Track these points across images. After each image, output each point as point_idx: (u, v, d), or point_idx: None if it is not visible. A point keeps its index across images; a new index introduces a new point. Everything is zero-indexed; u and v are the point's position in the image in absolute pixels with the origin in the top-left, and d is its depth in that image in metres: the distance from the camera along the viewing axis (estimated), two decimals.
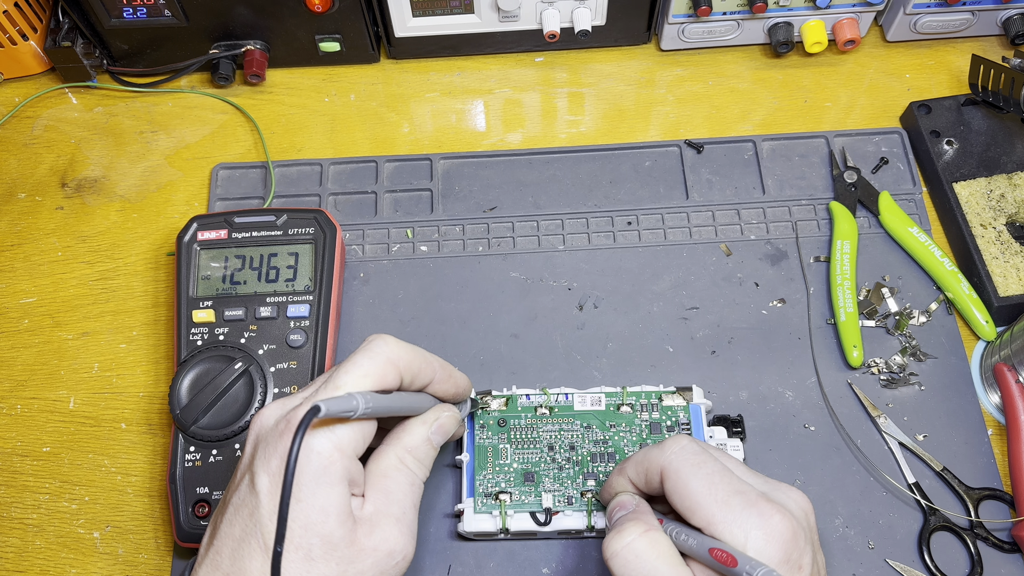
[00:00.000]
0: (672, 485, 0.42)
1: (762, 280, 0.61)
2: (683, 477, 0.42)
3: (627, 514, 0.44)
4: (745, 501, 0.40)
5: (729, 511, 0.40)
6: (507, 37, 0.70)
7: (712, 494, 0.40)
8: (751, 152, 0.67)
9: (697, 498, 0.41)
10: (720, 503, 0.40)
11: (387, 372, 0.42)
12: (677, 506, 0.42)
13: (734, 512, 0.40)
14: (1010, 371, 0.55)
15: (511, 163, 0.67)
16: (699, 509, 0.41)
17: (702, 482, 0.41)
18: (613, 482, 0.47)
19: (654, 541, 0.41)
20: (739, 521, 0.39)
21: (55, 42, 0.68)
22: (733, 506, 0.40)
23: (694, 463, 0.42)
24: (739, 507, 0.40)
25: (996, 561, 0.52)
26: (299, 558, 0.38)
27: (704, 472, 0.41)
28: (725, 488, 0.41)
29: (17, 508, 0.57)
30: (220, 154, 0.69)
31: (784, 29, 0.68)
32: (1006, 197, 0.62)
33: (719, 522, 0.40)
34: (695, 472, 0.41)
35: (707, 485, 0.41)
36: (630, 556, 0.41)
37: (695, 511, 0.41)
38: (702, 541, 0.40)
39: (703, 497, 0.41)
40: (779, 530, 0.39)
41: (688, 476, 0.41)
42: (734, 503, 0.40)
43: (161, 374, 0.60)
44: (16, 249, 0.65)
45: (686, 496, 0.41)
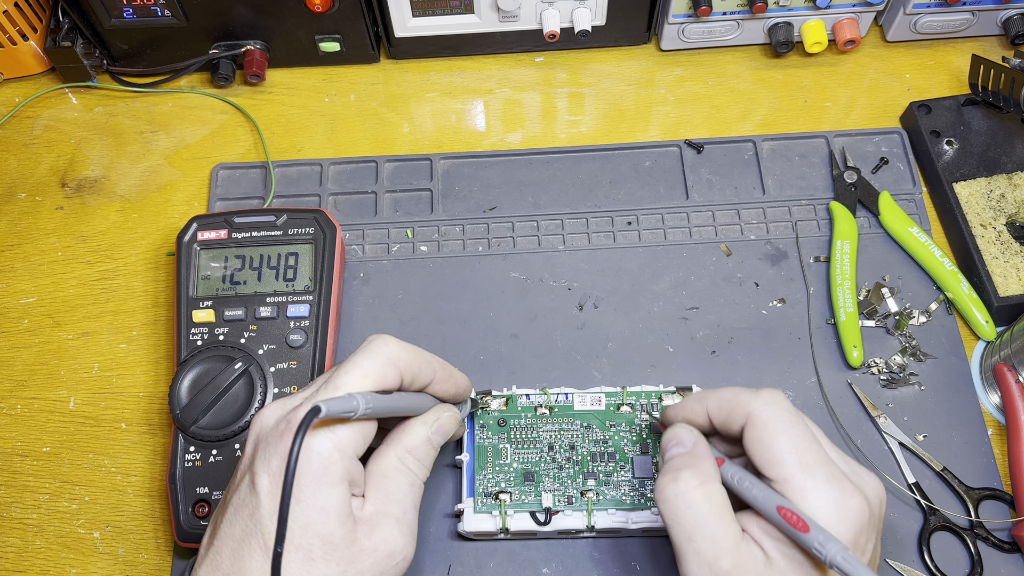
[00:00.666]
0: (757, 434, 0.41)
1: (762, 280, 0.61)
2: (771, 429, 0.41)
3: (683, 455, 0.43)
4: (829, 473, 0.39)
5: (810, 477, 0.39)
6: (507, 37, 0.70)
7: (798, 455, 0.40)
8: (751, 152, 0.67)
9: (781, 455, 0.40)
10: (803, 466, 0.39)
11: (387, 372, 0.42)
12: (754, 456, 0.41)
13: (815, 479, 0.39)
14: (1010, 371, 0.55)
15: (511, 163, 0.67)
16: (780, 466, 0.40)
17: (791, 441, 0.40)
18: (687, 407, 0.46)
19: (709, 494, 0.40)
20: (818, 490, 0.39)
21: (55, 42, 0.68)
22: (816, 474, 0.39)
23: (787, 420, 0.41)
24: (822, 477, 0.39)
25: (996, 561, 0.52)
26: (299, 558, 0.38)
27: (795, 432, 0.40)
28: (812, 454, 0.40)
29: (17, 508, 0.57)
30: (220, 154, 0.69)
31: (784, 29, 0.68)
32: (1006, 197, 0.62)
33: (796, 484, 0.39)
34: (786, 429, 0.41)
35: (795, 445, 0.40)
36: (682, 506, 0.40)
37: (774, 466, 0.40)
38: (770, 496, 0.39)
39: (787, 455, 0.40)
40: (855, 512, 0.38)
41: (777, 430, 0.40)
42: (818, 471, 0.39)
43: (161, 374, 0.60)
44: (16, 249, 0.65)
45: (770, 448, 0.40)
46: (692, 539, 0.40)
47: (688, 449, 0.43)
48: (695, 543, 0.39)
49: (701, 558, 0.39)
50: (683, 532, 0.40)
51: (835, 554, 0.36)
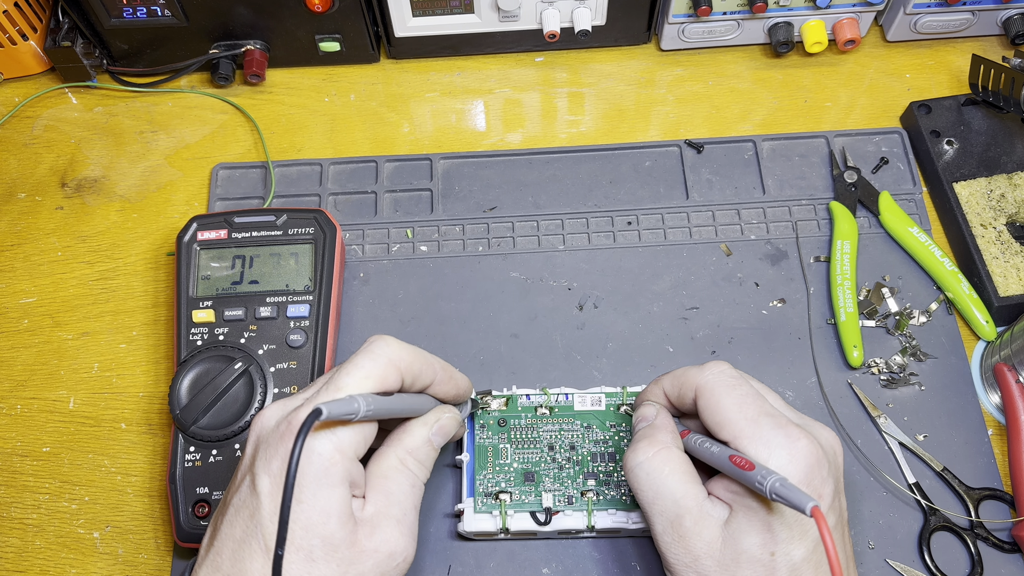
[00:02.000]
0: (705, 402, 0.44)
1: (762, 280, 0.61)
2: (716, 395, 0.43)
3: (645, 428, 0.46)
4: (774, 423, 0.42)
5: (757, 428, 0.41)
6: (507, 37, 0.70)
7: (742, 412, 0.42)
8: (751, 152, 0.67)
9: (727, 414, 0.43)
10: (749, 420, 0.42)
11: (388, 373, 0.42)
12: (707, 423, 0.44)
13: (761, 429, 0.41)
14: (1010, 371, 0.55)
15: (511, 163, 0.67)
16: (728, 425, 0.42)
17: (734, 401, 0.43)
18: (648, 391, 0.49)
19: (667, 459, 0.43)
20: (765, 439, 0.41)
21: (55, 42, 0.68)
22: (761, 424, 0.42)
23: (729, 384, 0.44)
24: (767, 426, 0.41)
25: (996, 561, 0.52)
26: (300, 559, 0.38)
27: (738, 393, 0.43)
28: (755, 408, 0.42)
29: (17, 508, 0.57)
30: (220, 154, 0.69)
31: (784, 29, 0.68)
32: (1006, 197, 0.62)
33: (745, 437, 0.41)
34: (729, 392, 0.43)
35: (738, 404, 0.43)
36: (642, 473, 0.44)
37: (723, 426, 0.43)
38: (724, 450, 0.41)
39: (733, 414, 0.42)
40: (803, 453, 0.40)
41: (721, 394, 0.43)
42: (763, 422, 0.42)
43: (161, 374, 0.60)
44: (16, 249, 0.65)
45: (716, 412, 0.43)
46: (655, 502, 0.43)
47: (650, 422, 0.47)
48: (657, 505, 0.43)
49: (664, 518, 0.42)
50: (646, 497, 0.43)
51: (773, 483, 0.37)
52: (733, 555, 0.40)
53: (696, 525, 0.41)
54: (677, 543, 0.42)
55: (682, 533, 0.42)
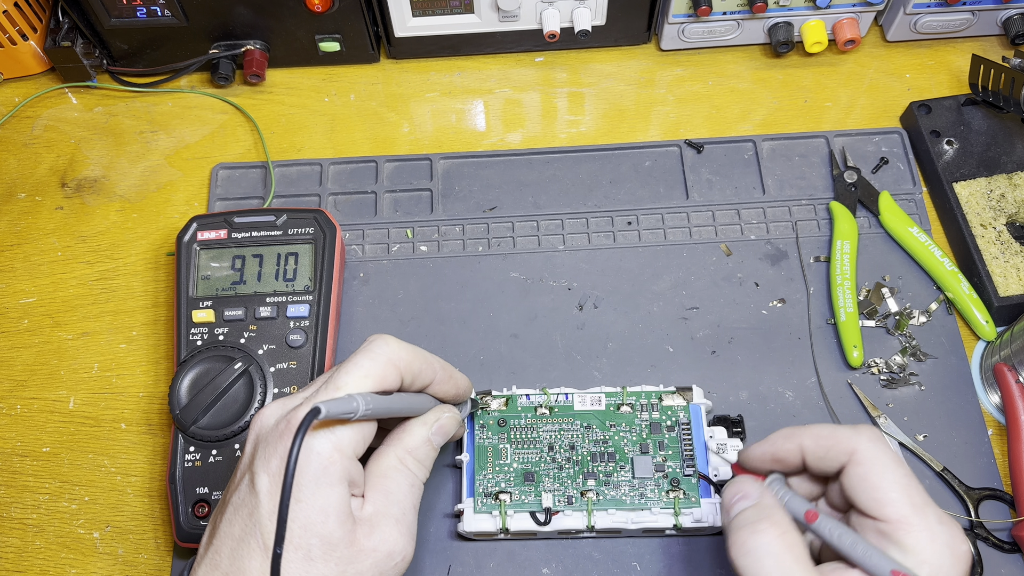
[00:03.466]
0: (863, 471, 0.40)
1: (762, 280, 0.61)
2: (879, 467, 0.39)
3: (752, 507, 0.41)
4: (939, 515, 0.38)
5: (923, 518, 0.38)
6: (507, 37, 0.70)
7: (908, 494, 0.39)
8: (751, 152, 0.67)
9: (892, 494, 0.39)
10: (915, 506, 0.38)
11: (388, 373, 0.42)
12: (860, 494, 0.40)
13: (927, 520, 0.38)
14: (1010, 371, 0.55)
15: (511, 163, 0.67)
16: (890, 505, 0.39)
17: (899, 480, 0.39)
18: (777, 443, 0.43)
19: (791, 545, 0.39)
20: (930, 531, 0.38)
21: (55, 42, 0.68)
22: (928, 515, 0.38)
23: (894, 459, 0.40)
24: (934, 518, 0.38)
25: (996, 561, 0.52)
26: (299, 558, 0.38)
27: (903, 471, 0.39)
28: (921, 496, 0.39)
29: (17, 508, 0.57)
30: (220, 154, 0.69)
31: (784, 29, 0.68)
32: (1006, 197, 0.62)
33: (909, 524, 0.38)
34: (894, 468, 0.39)
35: (904, 484, 0.39)
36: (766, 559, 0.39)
37: (884, 506, 0.39)
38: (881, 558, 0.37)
39: (899, 494, 0.39)
40: (965, 557, 0.38)
41: (885, 468, 0.39)
42: (929, 512, 0.38)
43: (161, 374, 0.60)
44: (16, 249, 0.65)
45: (878, 488, 0.39)
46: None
47: (755, 502, 0.41)
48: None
49: None
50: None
51: None
52: None
53: None
54: None
55: None
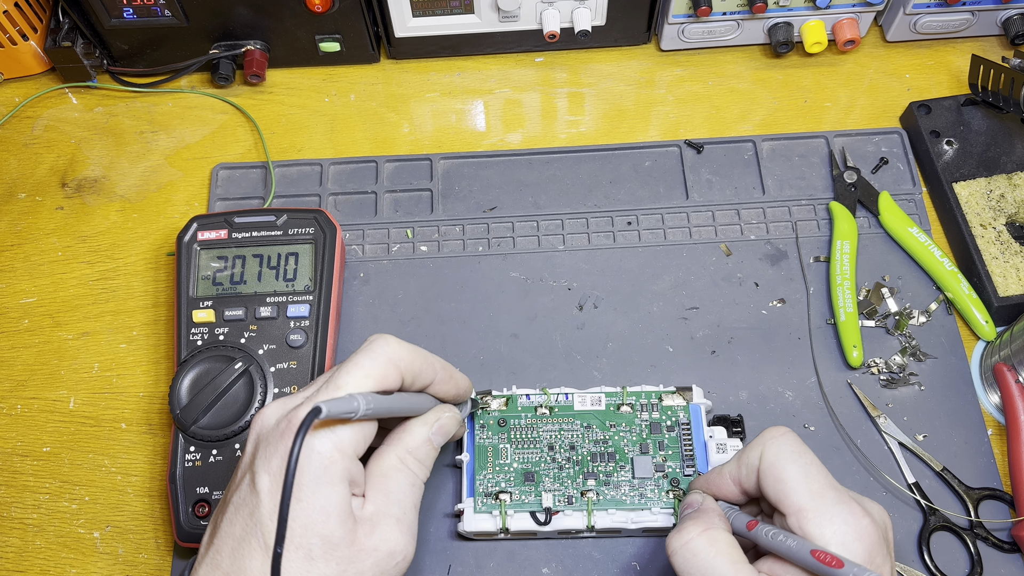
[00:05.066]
0: (767, 468, 0.42)
1: (762, 280, 0.61)
2: (781, 462, 0.42)
3: (691, 513, 0.45)
4: (838, 497, 0.40)
5: (822, 502, 0.40)
6: (507, 37, 0.70)
7: (807, 483, 0.41)
8: (751, 152, 0.67)
9: (792, 484, 0.41)
10: (814, 493, 0.40)
11: (388, 373, 0.42)
12: (769, 491, 0.42)
13: (826, 504, 0.40)
14: (1010, 371, 0.55)
15: (511, 163, 0.67)
16: (792, 495, 0.41)
17: (799, 470, 0.41)
18: (711, 480, 0.47)
19: (713, 539, 0.42)
20: (830, 514, 0.40)
21: (55, 42, 0.68)
22: (827, 499, 0.40)
23: (794, 450, 0.42)
24: (832, 501, 0.40)
25: (996, 561, 0.52)
26: (299, 557, 0.38)
27: (803, 461, 0.42)
28: (821, 480, 0.41)
29: (17, 508, 0.57)
30: (220, 154, 0.69)
31: (784, 29, 0.68)
32: (1006, 197, 0.62)
33: (810, 511, 0.40)
34: (794, 460, 0.42)
35: (803, 474, 0.41)
36: (688, 554, 0.41)
37: (787, 496, 0.41)
38: (801, 543, 0.39)
39: (798, 484, 0.41)
40: (868, 531, 0.39)
41: (786, 461, 0.42)
42: (828, 496, 0.40)
43: (161, 374, 0.60)
44: (16, 249, 0.65)
45: (780, 480, 0.42)
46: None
47: (696, 507, 0.45)
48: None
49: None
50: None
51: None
52: None
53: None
54: None
55: None
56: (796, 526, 0.40)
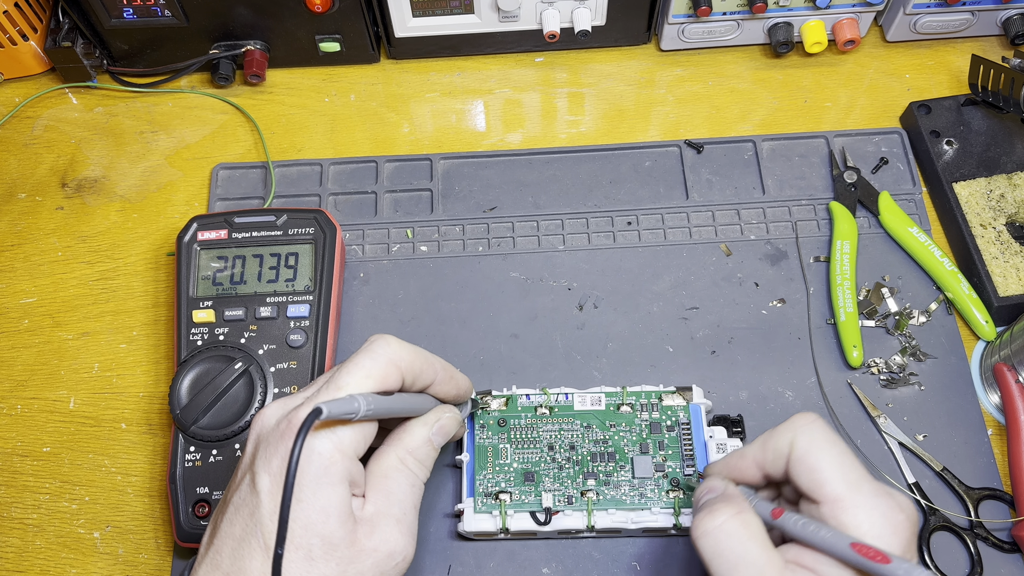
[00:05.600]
0: (800, 455, 0.41)
1: (762, 280, 0.61)
2: (815, 450, 0.41)
3: (715, 497, 0.43)
4: (875, 489, 0.39)
5: (859, 493, 0.39)
6: (507, 37, 0.70)
7: (843, 472, 0.40)
8: (751, 152, 0.67)
9: (828, 473, 0.40)
10: (850, 483, 0.39)
11: (389, 373, 0.42)
12: (801, 479, 0.41)
13: (863, 495, 0.39)
14: (1010, 371, 0.55)
15: (511, 163, 0.67)
16: (828, 484, 0.40)
17: (834, 460, 0.40)
18: (731, 463, 0.46)
19: (747, 523, 0.40)
20: (868, 506, 0.39)
21: (55, 42, 0.68)
22: (863, 491, 0.39)
23: (827, 439, 0.41)
24: (869, 493, 0.39)
25: (996, 561, 0.52)
26: (299, 558, 0.38)
27: (837, 450, 0.41)
28: (857, 471, 0.40)
29: (17, 508, 0.57)
30: (220, 154, 0.69)
31: (784, 29, 0.68)
32: (1006, 197, 0.62)
33: (846, 500, 0.39)
34: (829, 448, 0.41)
35: (839, 464, 0.40)
36: (722, 535, 0.40)
37: (822, 486, 0.40)
38: (838, 535, 0.38)
39: (834, 473, 0.40)
40: (904, 526, 0.39)
41: (820, 449, 0.41)
42: (864, 487, 0.39)
43: (161, 374, 0.60)
44: (16, 249, 0.65)
45: (815, 469, 0.40)
46: (736, 569, 0.39)
47: (719, 493, 0.44)
48: (739, 572, 0.39)
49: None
50: (726, 563, 0.40)
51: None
52: None
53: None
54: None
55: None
56: (830, 516, 0.39)
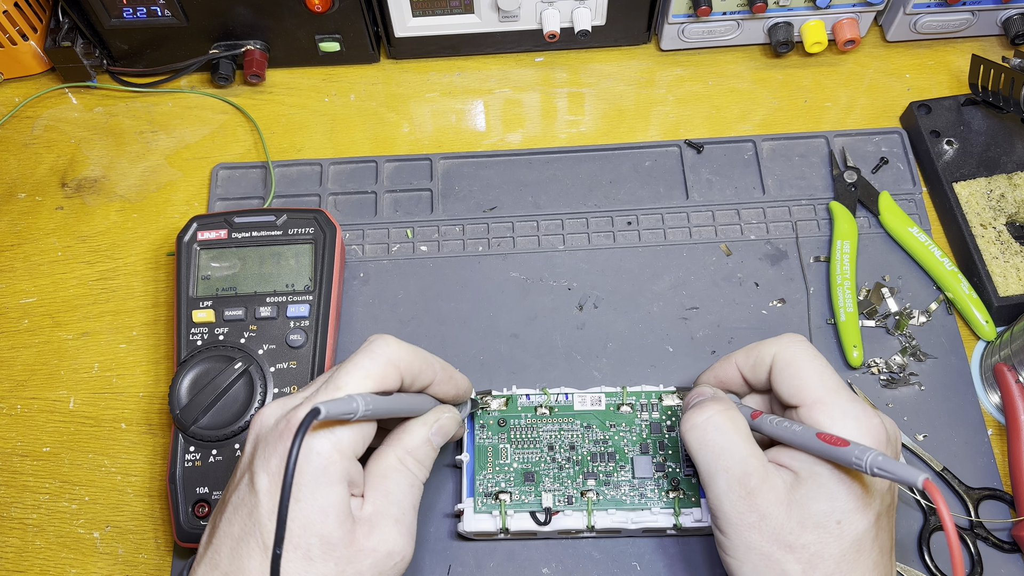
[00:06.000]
0: (783, 364, 0.45)
1: (762, 280, 0.61)
2: (798, 362, 0.44)
3: (703, 399, 0.47)
4: (852, 396, 0.43)
5: (836, 397, 0.42)
6: (507, 37, 0.70)
7: (823, 381, 0.43)
8: (751, 152, 0.67)
9: (809, 380, 0.43)
10: (829, 389, 0.43)
11: (388, 373, 0.42)
12: (783, 387, 0.44)
13: (841, 400, 0.42)
14: (1010, 371, 0.55)
15: (511, 163, 0.67)
16: (808, 389, 0.43)
17: (816, 370, 0.44)
18: (717, 367, 0.50)
19: (732, 418, 0.44)
20: (843, 409, 0.42)
21: (55, 42, 0.68)
22: (841, 395, 0.42)
23: (810, 354, 0.45)
24: (847, 398, 0.42)
25: (996, 561, 0.52)
26: (298, 557, 0.38)
27: (819, 363, 0.44)
28: (835, 380, 0.43)
29: (17, 508, 0.57)
30: (220, 154, 0.69)
31: (784, 29, 0.68)
32: (1006, 197, 0.62)
33: (824, 403, 0.42)
34: (811, 361, 0.44)
35: (819, 373, 0.44)
36: (709, 427, 0.44)
37: (803, 391, 0.43)
38: (807, 428, 0.42)
39: (814, 380, 0.43)
40: (877, 431, 0.41)
41: (803, 361, 0.44)
42: (842, 393, 0.43)
43: (161, 374, 0.60)
44: (16, 249, 0.66)
45: (796, 377, 0.44)
46: (720, 457, 0.43)
47: (708, 397, 0.47)
48: (723, 461, 0.43)
49: (730, 475, 0.42)
50: (711, 453, 0.43)
51: (875, 457, 0.38)
52: (799, 519, 0.41)
53: (763, 484, 0.42)
54: (743, 500, 0.42)
55: (749, 490, 0.42)
56: (807, 416, 0.42)
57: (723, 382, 0.50)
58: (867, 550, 0.41)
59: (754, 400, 0.50)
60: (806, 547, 0.40)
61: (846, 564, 0.40)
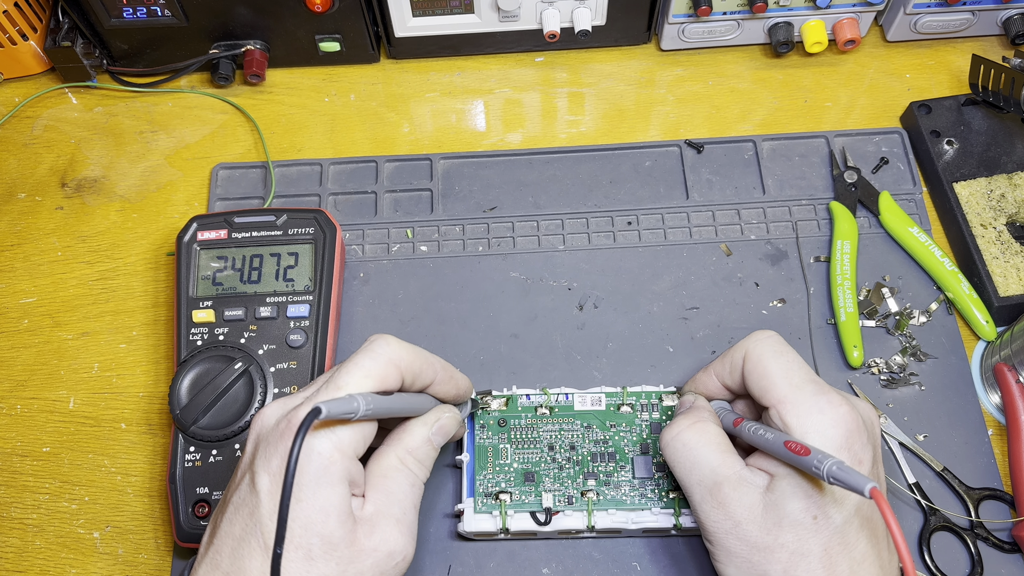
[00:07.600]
0: (751, 366, 0.45)
1: (762, 280, 0.61)
2: (764, 360, 0.45)
3: (683, 410, 0.49)
4: (817, 388, 0.43)
5: (800, 393, 0.43)
6: (507, 37, 0.70)
7: (787, 377, 0.44)
8: (751, 152, 0.67)
9: (773, 379, 0.44)
10: (793, 386, 0.43)
11: (388, 373, 0.42)
12: (753, 387, 0.45)
13: (804, 395, 0.43)
14: (1010, 371, 0.55)
15: (511, 163, 0.67)
16: (773, 389, 0.44)
17: (780, 366, 0.44)
18: (696, 379, 0.51)
19: (701, 431, 0.45)
20: (807, 404, 0.42)
21: (55, 42, 0.68)
22: (805, 390, 0.43)
23: (776, 350, 0.45)
24: (810, 392, 0.43)
25: (996, 561, 0.52)
26: (299, 557, 0.38)
27: (784, 359, 0.45)
28: (800, 375, 0.44)
29: (17, 508, 0.57)
30: (220, 154, 0.69)
31: (784, 29, 0.68)
32: (1006, 197, 0.62)
33: (788, 401, 0.43)
34: (776, 357, 0.45)
35: (784, 369, 0.44)
36: (678, 445, 0.45)
37: (768, 391, 0.44)
38: (778, 435, 0.42)
39: (778, 378, 0.44)
40: (845, 419, 0.42)
41: (768, 359, 0.45)
42: (807, 388, 0.43)
43: (161, 374, 0.60)
44: (16, 249, 0.65)
45: (762, 376, 0.44)
46: (692, 472, 0.44)
47: (689, 406, 0.49)
48: (695, 474, 0.44)
49: (703, 487, 0.44)
50: (683, 468, 0.45)
51: (830, 466, 0.38)
52: (775, 519, 0.41)
53: (735, 491, 0.43)
54: (717, 510, 0.43)
55: (721, 500, 0.43)
56: (777, 418, 0.43)
57: (704, 392, 0.50)
58: (853, 539, 0.41)
59: (740, 405, 0.50)
60: (784, 547, 0.41)
61: (832, 556, 0.41)
